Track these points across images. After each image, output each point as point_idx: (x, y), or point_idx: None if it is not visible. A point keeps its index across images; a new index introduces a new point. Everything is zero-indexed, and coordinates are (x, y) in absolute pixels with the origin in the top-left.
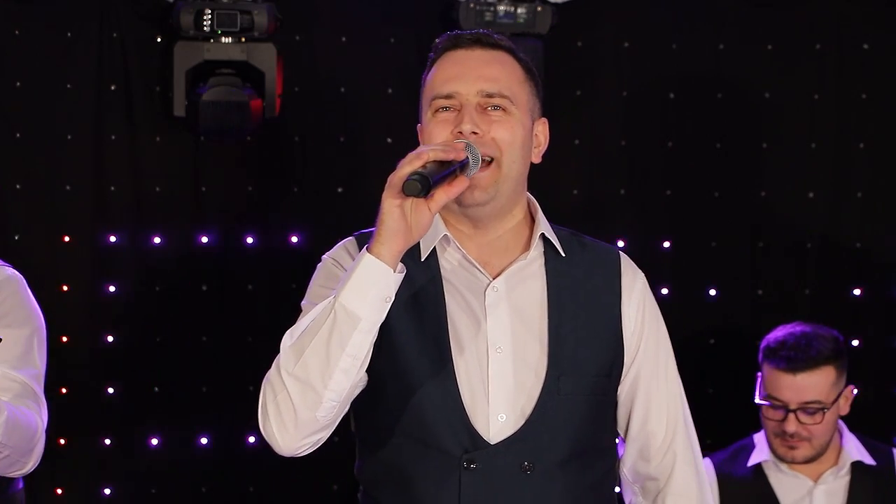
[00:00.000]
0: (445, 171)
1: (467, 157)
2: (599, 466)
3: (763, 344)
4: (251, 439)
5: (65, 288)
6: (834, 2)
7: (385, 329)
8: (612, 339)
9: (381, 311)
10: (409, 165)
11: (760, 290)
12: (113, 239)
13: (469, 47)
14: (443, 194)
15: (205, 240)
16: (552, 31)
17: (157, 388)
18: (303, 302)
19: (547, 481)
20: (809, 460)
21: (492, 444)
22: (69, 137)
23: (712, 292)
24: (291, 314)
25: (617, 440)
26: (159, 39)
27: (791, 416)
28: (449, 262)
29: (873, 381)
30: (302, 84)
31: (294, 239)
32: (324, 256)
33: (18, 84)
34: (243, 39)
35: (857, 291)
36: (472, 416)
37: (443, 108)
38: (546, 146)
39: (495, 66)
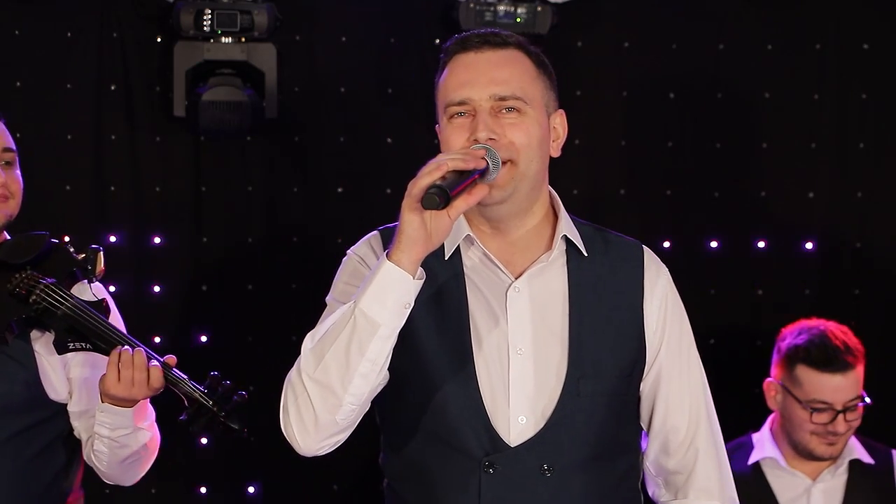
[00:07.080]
0: (464, 180)
1: (487, 164)
2: (621, 464)
3: (788, 347)
4: (251, 439)
5: None
6: (834, 2)
7: (407, 327)
8: (634, 339)
9: (401, 316)
10: (429, 176)
11: (760, 290)
12: (113, 239)
13: (478, 49)
14: (462, 203)
15: (205, 240)
16: (552, 31)
17: None
18: (327, 298)
19: (567, 483)
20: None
21: (512, 446)
22: (69, 137)
23: (712, 292)
24: (292, 313)
25: (640, 434)
26: (159, 39)
27: (840, 416)
28: (471, 261)
29: (873, 382)
30: (302, 84)
31: (294, 239)
32: (349, 251)
33: (18, 84)
34: (243, 39)
35: (856, 291)
36: (493, 418)
37: (457, 113)
38: (565, 137)
39: (506, 68)
